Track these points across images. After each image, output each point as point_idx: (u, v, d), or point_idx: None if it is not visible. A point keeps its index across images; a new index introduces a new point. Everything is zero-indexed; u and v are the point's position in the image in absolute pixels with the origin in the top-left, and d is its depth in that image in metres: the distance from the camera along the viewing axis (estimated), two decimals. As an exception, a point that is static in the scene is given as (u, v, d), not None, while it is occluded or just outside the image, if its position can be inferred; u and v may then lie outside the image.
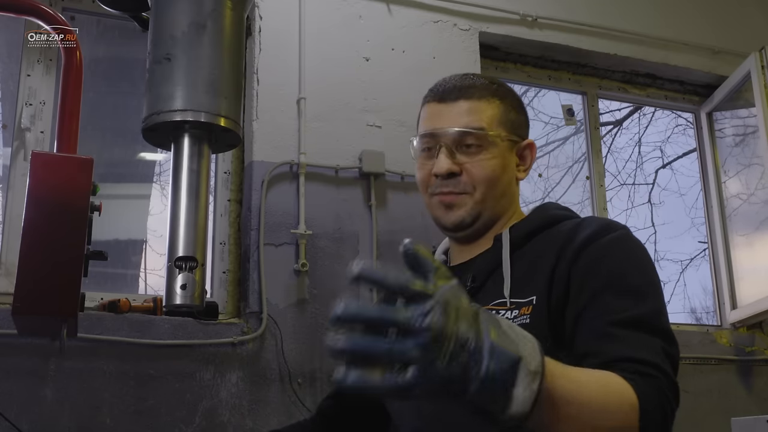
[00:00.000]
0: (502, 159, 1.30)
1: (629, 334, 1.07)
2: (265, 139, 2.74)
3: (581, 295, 1.13)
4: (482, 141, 1.29)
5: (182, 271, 1.45)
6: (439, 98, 1.33)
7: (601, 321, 1.09)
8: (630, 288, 1.13)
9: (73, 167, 1.54)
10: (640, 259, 1.19)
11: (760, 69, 3.25)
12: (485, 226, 1.32)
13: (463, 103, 1.30)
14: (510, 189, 1.34)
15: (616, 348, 1.05)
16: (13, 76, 2.68)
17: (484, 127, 1.29)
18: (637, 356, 1.03)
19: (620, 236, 1.20)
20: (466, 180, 1.29)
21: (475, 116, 1.29)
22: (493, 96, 1.32)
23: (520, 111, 1.37)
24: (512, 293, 1.20)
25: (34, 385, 2.28)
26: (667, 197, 4.70)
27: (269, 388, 2.52)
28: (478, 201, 1.29)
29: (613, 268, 1.15)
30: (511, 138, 1.32)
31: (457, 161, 1.29)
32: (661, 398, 1.01)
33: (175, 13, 1.54)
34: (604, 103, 3.80)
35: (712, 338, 3.29)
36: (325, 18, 2.95)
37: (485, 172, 1.28)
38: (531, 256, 1.24)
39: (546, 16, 3.30)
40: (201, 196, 1.52)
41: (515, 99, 1.38)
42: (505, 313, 1.18)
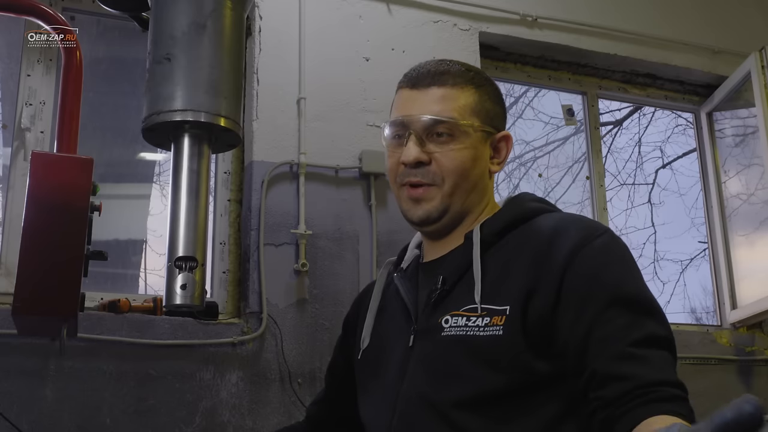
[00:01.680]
0: (473, 150, 1.25)
1: (650, 354, 1.06)
2: (265, 139, 2.74)
3: (587, 312, 1.09)
4: (453, 130, 1.23)
5: (182, 271, 1.45)
6: (412, 84, 1.28)
7: (618, 342, 1.06)
8: (634, 300, 1.09)
9: (73, 167, 1.54)
10: (631, 264, 1.16)
11: (760, 69, 3.25)
12: (454, 221, 1.27)
13: (436, 90, 1.25)
14: (482, 182, 1.28)
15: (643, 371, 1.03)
16: (13, 76, 2.68)
17: (456, 116, 1.23)
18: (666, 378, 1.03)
19: (607, 242, 1.15)
20: (434, 170, 1.24)
21: (447, 104, 1.24)
22: (468, 84, 1.27)
23: (496, 101, 1.31)
24: (484, 298, 1.15)
25: (34, 385, 2.28)
26: (667, 197, 4.71)
27: (269, 388, 2.52)
28: (447, 194, 1.24)
29: (610, 280, 1.11)
30: (485, 129, 1.26)
31: (426, 150, 1.24)
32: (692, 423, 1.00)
33: (175, 13, 1.54)
34: (604, 103, 3.80)
35: (712, 338, 3.29)
36: (325, 18, 2.95)
37: (455, 162, 1.23)
38: (505, 255, 1.19)
39: (546, 16, 3.30)
40: (201, 196, 1.52)
41: (493, 89, 1.32)
42: (476, 320, 1.14)
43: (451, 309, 1.18)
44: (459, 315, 1.17)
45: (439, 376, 1.16)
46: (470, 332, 1.14)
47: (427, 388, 1.17)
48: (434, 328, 1.19)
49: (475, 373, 1.12)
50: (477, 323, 1.14)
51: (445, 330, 1.17)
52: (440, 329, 1.17)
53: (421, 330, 1.22)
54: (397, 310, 1.30)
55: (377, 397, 1.28)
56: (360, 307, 1.44)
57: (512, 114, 4.41)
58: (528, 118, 4.32)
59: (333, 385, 1.51)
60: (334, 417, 1.50)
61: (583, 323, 1.08)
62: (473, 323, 1.14)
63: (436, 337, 1.18)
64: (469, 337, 1.13)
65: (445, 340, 1.16)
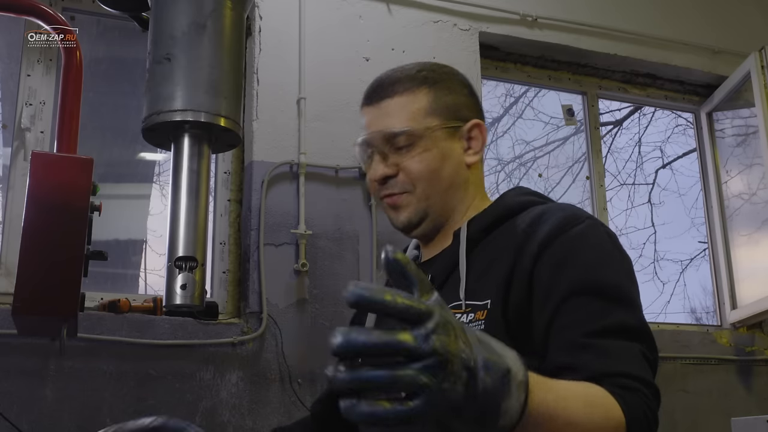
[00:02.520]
0: (438, 150, 1.24)
1: (609, 344, 1.02)
2: (265, 139, 2.74)
3: (549, 301, 1.07)
4: (412, 138, 1.23)
5: (182, 271, 1.45)
6: (368, 101, 1.30)
7: (577, 330, 1.04)
8: (602, 289, 1.07)
9: (73, 167, 1.54)
10: (609, 253, 1.12)
11: (759, 69, 3.25)
12: (438, 221, 1.27)
13: (388, 101, 1.26)
14: (458, 178, 1.26)
15: (597, 361, 1.01)
16: (13, 76, 2.68)
17: (411, 124, 1.23)
18: (620, 369, 0.99)
19: (585, 229, 1.13)
20: (403, 179, 1.24)
21: (399, 115, 1.24)
22: (420, 85, 1.26)
23: (458, 92, 1.29)
24: (469, 295, 1.15)
25: (34, 385, 2.28)
26: (667, 197, 4.70)
27: (269, 388, 2.52)
28: (422, 198, 1.24)
29: (581, 268, 1.09)
30: (447, 125, 1.25)
31: (391, 162, 1.25)
32: (647, 414, 0.97)
33: (175, 13, 1.54)
34: (604, 103, 3.80)
35: (712, 338, 3.29)
36: (325, 18, 2.95)
37: (421, 167, 1.23)
38: (490, 252, 1.18)
39: (546, 16, 3.30)
40: (201, 196, 1.52)
41: (452, 81, 1.30)
42: (461, 316, 1.13)
43: None
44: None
45: None
46: None
47: None
48: None
49: None
50: (462, 320, 1.12)
51: None
52: None
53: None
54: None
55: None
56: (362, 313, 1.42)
57: (512, 114, 4.41)
58: (528, 118, 4.32)
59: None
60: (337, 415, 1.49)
61: (546, 313, 1.07)
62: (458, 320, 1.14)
63: None
64: None
65: None
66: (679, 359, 3.17)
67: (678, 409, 3.10)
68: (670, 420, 3.07)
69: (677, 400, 3.11)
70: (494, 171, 4.12)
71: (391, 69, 1.31)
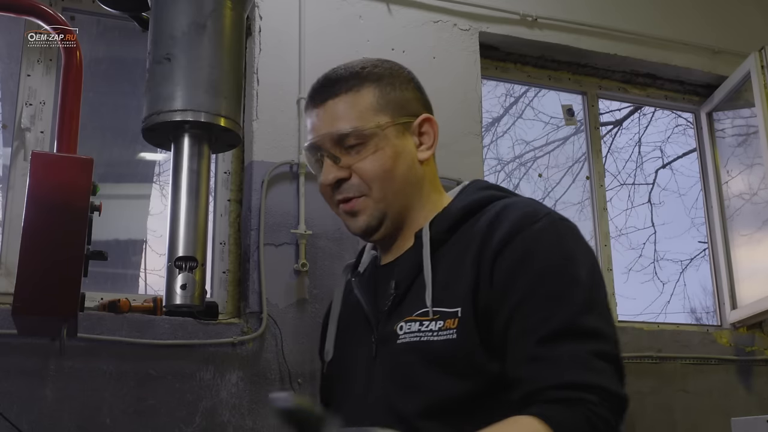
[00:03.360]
0: (391, 147, 1.19)
1: (551, 352, 1.01)
2: (265, 139, 2.74)
3: (503, 309, 1.05)
4: (361, 137, 1.18)
5: (182, 271, 1.45)
6: (312, 102, 1.23)
7: (524, 341, 1.03)
8: (551, 292, 1.04)
9: (73, 167, 1.54)
10: (566, 252, 1.08)
11: (759, 69, 3.25)
12: (398, 223, 1.22)
13: (333, 102, 1.20)
14: (412, 176, 1.21)
15: (539, 374, 1.00)
16: (13, 76, 2.68)
17: (359, 123, 1.18)
18: (564, 380, 0.98)
19: (541, 228, 1.09)
20: (357, 182, 1.19)
21: (347, 114, 1.19)
22: (364, 82, 1.21)
23: (404, 87, 1.24)
24: (436, 301, 1.11)
25: (34, 385, 2.28)
26: (667, 197, 4.70)
27: (269, 388, 2.52)
28: (378, 199, 1.19)
29: (534, 271, 1.06)
30: (397, 121, 1.20)
31: (343, 165, 1.19)
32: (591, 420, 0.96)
33: (175, 13, 1.54)
34: (604, 103, 3.80)
35: (712, 338, 3.29)
36: (325, 18, 2.95)
37: (374, 167, 1.18)
38: (455, 252, 1.14)
39: (546, 16, 3.30)
40: (201, 196, 1.52)
41: (397, 76, 1.24)
42: (429, 324, 1.10)
43: (405, 315, 1.15)
44: (413, 320, 1.13)
45: (401, 387, 1.12)
46: (424, 338, 1.10)
47: (392, 400, 1.13)
48: (391, 336, 1.15)
49: (434, 382, 1.08)
50: (431, 327, 1.10)
51: (401, 337, 1.13)
52: (396, 337, 1.14)
53: (380, 339, 1.18)
54: (359, 320, 1.25)
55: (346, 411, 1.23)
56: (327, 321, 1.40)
57: (512, 114, 4.41)
58: (528, 118, 4.32)
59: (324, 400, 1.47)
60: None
61: (501, 320, 1.06)
62: (426, 328, 1.10)
63: (392, 345, 1.14)
64: (423, 344, 1.10)
65: (400, 348, 1.13)
66: (679, 359, 3.17)
67: (678, 409, 3.10)
68: (670, 420, 3.07)
69: (677, 400, 3.11)
70: (494, 171, 4.12)
71: (332, 67, 1.25)
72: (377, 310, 1.21)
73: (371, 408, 1.17)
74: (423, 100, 1.27)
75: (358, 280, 1.28)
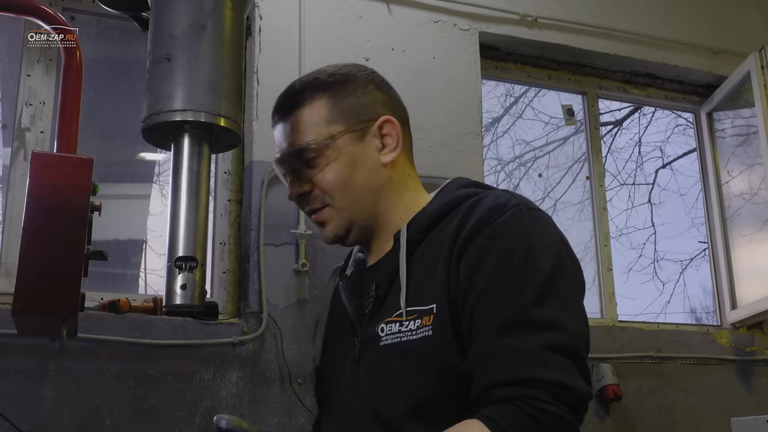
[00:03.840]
0: (347, 156, 1.19)
1: (502, 346, 1.00)
2: (265, 139, 2.74)
3: (467, 305, 1.06)
4: (316, 151, 1.19)
5: (182, 271, 1.45)
6: (273, 119, 1.27)
7: (480, 335, 1.03)
8: (509, 283, 1.03)
9: (73, 167, 1.54)
10: (527, 241, 1.06)
11: (759, 69, 3.25)
12: (367, 229, 1.23)
13: (288, 118, 1.23)
14: (374, 181, 1.21)
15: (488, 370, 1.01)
16: (13, 76, 2.68)
17: (311, 137, 1.19)
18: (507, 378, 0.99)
19: (505, 220, 1.07)
20: (318, 194, 1.22)
21: (301, 129, 1.21)
22: (316, 93, 1.22)
23: (360, 92, 1.23)
24: (412, 300, 1.11)
25: (34, 385, 2.28)
26: (667, 197, 4.70)
27: (269, 388, 2.52)
28: (341, 209, 1.21)
29: (492, 264, 1.05)
30: (352, 129, 1.20)
31: (306, 178, 1.22)
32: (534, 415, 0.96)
33: (175, 13, 1.53)
34: (604, 103, 3.80)
35: (712, 338, 3.29)
36: (325, 18, 2.95)
37: (331, 179, 1.19)
38: (431, 251, 1.14)
39: (546, 16, 3.30)
40: (201, 196, 1.52)
41: (351, 81, 1.24)
42: (408, 323, 1.10)
43: (385, 316, 1.15)
44: (392, 321, 1.13)
45: (383, 388, 1.13)
46: (404, 338, 1.11)
47: (376, 402, 1.13)
48: (373, 338, 1.16)
49: (414, 381, 1.08)
50: (409, 327, 1.10)
51: (382, 339, 1.14)
52: (378, 338, 1.14)
53: (363, 341, 1.19)
54: (344, 322, 1.26)
55: (333, 414, 1.25)
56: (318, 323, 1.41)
57: (512, 114, 4.41)
58: (528, 118, 4.32)
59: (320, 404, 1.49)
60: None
61: (465, 315, 1.06)
62: (406, 328, 1.11)
63: (375, 347, 1.15)
64: (403, 344, 1.10)
65: (382, 349, 1.13)
66: (679, 359, 3.17)
67: (678, 409, 3.10)
68: (670, 420, 3.07)
69: (677, 400, 3.11)
70: (494, 171, 4.13)
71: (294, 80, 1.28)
72: (360, 313, 1.22)
73: (355, 412, 1.17)
74: (385, 101, 1.26)
75: (345, 284, 1.29)
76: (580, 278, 1.13)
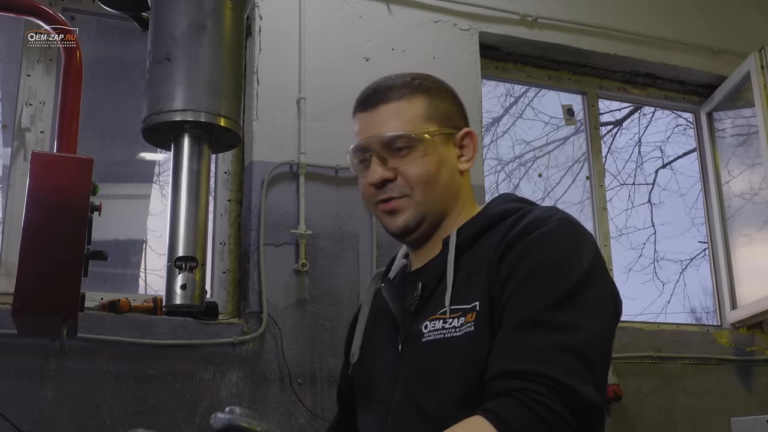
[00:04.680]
0: (437, 155, 1.25)
1: (516, 339, 1.05)
2: (265, 139, 2.74)
3: (500, 302, 1.11)
4: (411, 141, 1.24)
5: (182, 271, 1.45)
6: (362, 107, 1.31)
7: (501, 329, 1.08)
8: (538, 287, 1.08)
9: (73, 167, 1.54)
10: (564, 251, 1.12)
11: (759, 69, 3.25)
12: (432, 227, 1.28)
13: (384, 107, 1.27)
14: (453, 184, 1.28)
15: (500, 359, 1.05)
16: (13, 76, 2.68)
17: (410, 128, 1.24)
18: (510, 368, 1.02)
19: (545, 230, 1.14)
20: (401, 183, 1.25)
21: (398, 119, 1.26)
22: (415, 92, 1.28)
23: (450, 101, 1.32)
24: (455, 299, 1.16)
25: (34, 385, 2.28)
26: (667, 197, 4.70)
27: (269, 388, 2.52)
28: (419, 202, 1.25)
29: (527, 267, 1.10)
30: (443, 131, 1.27)
31: (390, 167, 1.25)
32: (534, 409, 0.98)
33: (175, 13, 1.53)
34: (604, 103, 3.80)
35: (712, 338, 3.29)
36: (325, 18, 2.95)
37: (420, 171, 1.24)
38: (478, 256, 1.20)
39: (546, 16, 3.30)
40: (201, 196, 1.52)
41: (443, 90, 1.33)
42: (453, 321, 1.15)
43: (430, 314, 1.20)
44: (437, 319, 1.18)
45: (425, 383, 1.17)
46: (448, 334, 1.15)
47: (417, 396, 1.17)
48: (417, 335, 1.20)
49: (457, 375, 1.13)
50: (453, 324, 1.15)
51: (425, 335, 1.18)
52: (421, 335, 1.19)
53: (406, 338, 1.23)
54: (386, 322, 1.31)
55: (371, 410, 1.29)
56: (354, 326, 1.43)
57: (512, 114, 4.41)
58: (528, 118, 4.32)
59: (343, 409, 1.49)
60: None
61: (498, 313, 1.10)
62: (450, 325, 1.15)
63: (418, 343, 1.19)
64: (446, 340, 1.15)
65: (425, 345, 1.18)
66: (679, 359, 3.17)
67: (678, 409, 3.10)
68: (670, 420, 3.07)
69: (677, 400, 3.11)
70: (494, 171, 4.13)
71: (382, 77, 1.33)
72: (404, 311, 1.26)
73: (397, 406, 1.20)
74: (464, 116, 1.35)
75: (388, 285, 1.34)
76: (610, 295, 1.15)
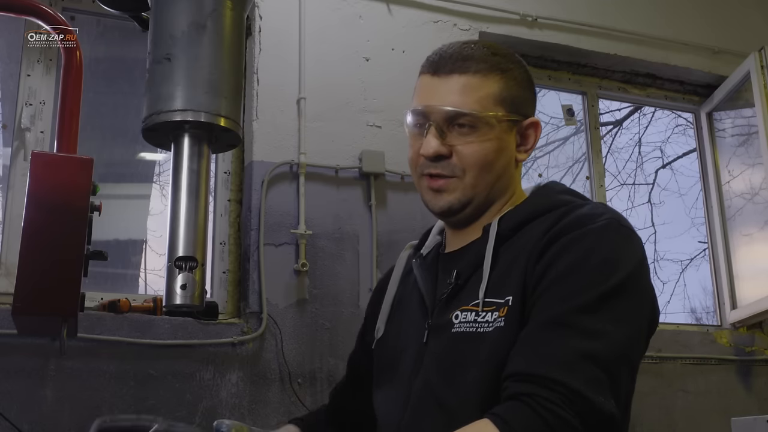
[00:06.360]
0: (498, 141, 1.19)
1: (537, 339, 1.01)
2: (265, 139, 2.74)
3: (532, 298, 1.07)
4: (475, 122, 1.17)
5: (182, 271, 1.45)
6: (434, 70, 1.23)
7: (527, 325, 1.05)
8: (570, 286, 1.04)
9: (73, 167, 1.54)
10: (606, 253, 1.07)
11: (759, 69, 3.25)
12: (477, 211, 1.22)
13: (457, 78, 1.19)
14: (507, 172, 1.22)
15: (519, 358, 1.02)
16: (13, 76, 2.68)
17: (478, 108, 1.17)
18: (524, 370, 0.99)
19: (591, 229, 1.09)
20: (455, 163, 1.18)
21: (469, 94, 1.18)
22: (493, 70, 1.20)
23: (525, 86, 1.24)
24: (491, 292, 1.12)
25: (34, 385, 2.28)
26: (667, 197, 4.71)
27: (269, 388, 2.52)
28: (469, 186, 1.19)
29: (563, 265, 1.06)
30: (510, 118, 1.20)
31: (447, 142, 1.18)
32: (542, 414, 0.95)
33: (175, 13, 1.53)
34: (604, 103, 3.80)
35: (712, 338, 3.29)
36: (325, 18, 2.95)
37: (477, 155, 1.17)
38: (517, 248, 1.14)
39: (546, 16, 3.30)
40: (201, 196, 1.52)
41: (521, 72, 1.25)
42: (485, 314, 1.11)
43: (462, 304, 1.16)
44: (469, 310, 1.14)
45: (449, 374, 1.13)
46: (480, 328, 1.11)
47: (439, 389, 1.14)
48: (446, 324, 1.16)
49: (482, 372, 1.09)
50: (486, 318, 1.11)
51: (455, 326, 1.14)
52: (451, 325, 1.15)
53: (434, 326, 1.19)
54: (414, 302, 1.27)
55: (391, 391, 1.26)
56: (381, 293, 1.39)
57: (512, 114, 4.40)
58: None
59: (353, 374, 1.49)
60: (353, 406, 1.47)
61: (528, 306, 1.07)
62: (482, 318, 1.11)
63: (447, 333, 1.15)
64: (477, 334, 1.11)
65: (454, 336, 1.14)
66: (679, 359, 3.17)
67: (678, 409, 3.10)
68: (670, 420, 3.07)
69: (677, 400, 3.11)
70: (494, 171, 4.12)
71: (456, 43, 1.25)
72: (435, 297, 1.22)
73: (416, 392, 1.18)
74: (534, 104, 1.28)
75: (420, 263, 1.29)
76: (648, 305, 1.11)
